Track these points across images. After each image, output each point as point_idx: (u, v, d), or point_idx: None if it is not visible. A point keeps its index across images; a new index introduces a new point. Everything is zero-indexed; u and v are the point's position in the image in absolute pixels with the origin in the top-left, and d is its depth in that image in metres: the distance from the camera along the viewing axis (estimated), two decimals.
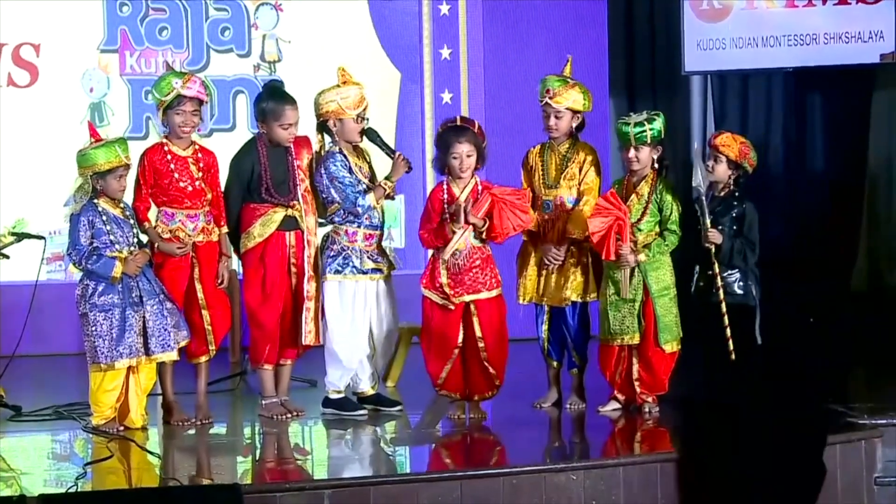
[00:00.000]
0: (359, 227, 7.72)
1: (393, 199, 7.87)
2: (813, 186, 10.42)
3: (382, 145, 7.81)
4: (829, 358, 9.35)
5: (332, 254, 7.73)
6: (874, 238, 10.10)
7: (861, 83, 10.02)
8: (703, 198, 7.52)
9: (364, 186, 7.69)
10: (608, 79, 11.01)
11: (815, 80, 10.30)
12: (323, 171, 7.69)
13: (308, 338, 7.74)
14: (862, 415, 7.32)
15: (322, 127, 7.81)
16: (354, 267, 7.72)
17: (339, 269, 7.72)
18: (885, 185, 10.02)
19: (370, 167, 7.85)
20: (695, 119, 10.95)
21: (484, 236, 7.63)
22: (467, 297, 7.65)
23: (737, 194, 7.69)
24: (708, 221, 7.49)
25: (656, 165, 7.69)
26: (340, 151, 7.73)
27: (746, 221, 7.63)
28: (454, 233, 7.56)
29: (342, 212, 7.72)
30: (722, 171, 7.66)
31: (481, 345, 7.66)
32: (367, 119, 7.80)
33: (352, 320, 7.73)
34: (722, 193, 7.68)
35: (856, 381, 9.11)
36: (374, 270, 7.77)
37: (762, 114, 10.67)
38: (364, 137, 7.80)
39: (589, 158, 7.83)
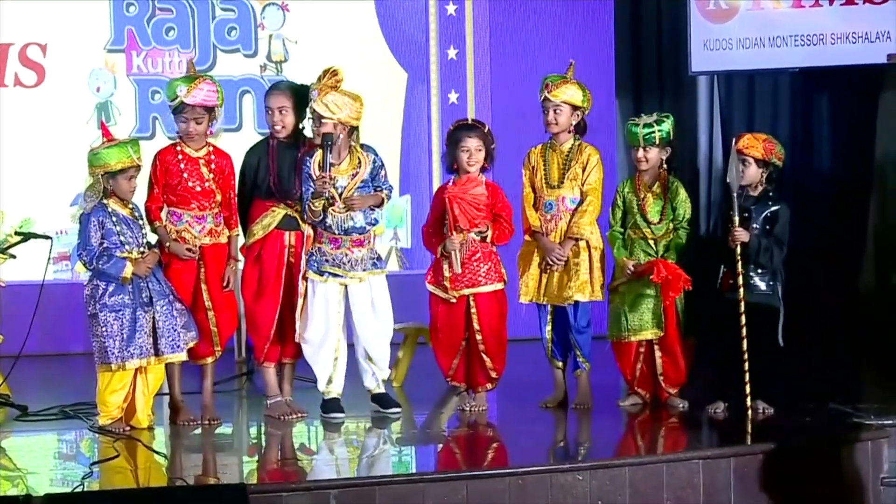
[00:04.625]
0: (325, 228, 7.71)
1: (317, 216, 7.58)
2: (820, 186, 10.41)
3: (324, 157, 7.58)
4: (836, 358, 9.37)
5: (308, 251, 7.75)
6: (881, 239, 10.09)
7: (868, 83, 10.01)
8: (735, 195, 7.52)
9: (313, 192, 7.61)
10: (614, 79, 11.01)
11: (821, 80, 10.29)
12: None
13: (297, 335, 7.76)
14: (868, 415, 7.32)
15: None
16: (313, 267, 7.71)
17: (306, 266, 7.72)
18: (893, 186, 10.00)
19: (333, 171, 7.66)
20: (701, 119, 10.95)
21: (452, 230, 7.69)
22: (467, 291, 7.75)
23: (771, 193, 7.69)
24: (737, 219, 7.49)
25: (665, 166, 7.79)
26: (312, 155, 7.67)
27: (779, 221, 7.63)
28: (448, 254, 7.69)
29: None
30: (752, 172, 7.64)
31: (479, 337, 7.78)
32: (327, 122, 7.56)
33: (310, 320, 7.72)
34: (756, 193, 7.68)
35: (862, 381, 9.12)
36: (333, 275, 7.72)
37: (769, 114, 10.66)
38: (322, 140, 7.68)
39: (593, 158, 7.88)
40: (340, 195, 7.64)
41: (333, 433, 7.60)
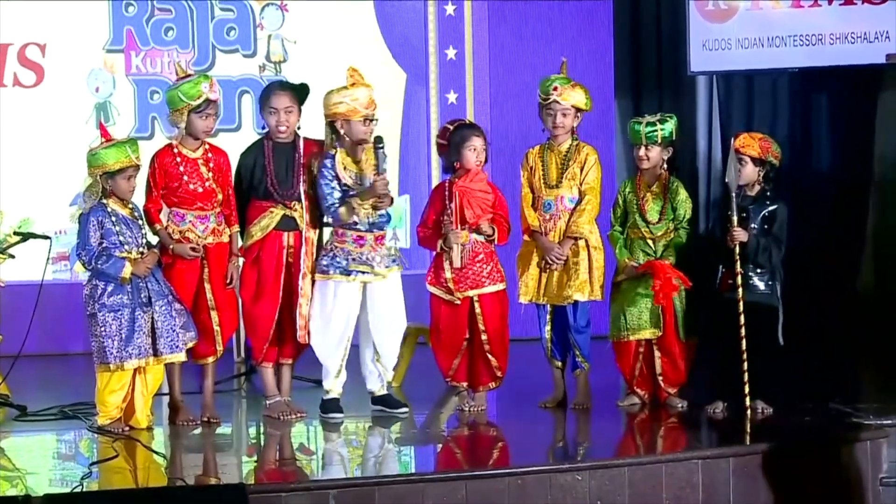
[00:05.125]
0: (349, 227, 7.71)
1: (358, 217, 7.65)
2: (819, 187, 10.41)
3: (379, 159, 7.70)
4: (835, 358, 9.36)
5: (324, 252, 7.74)
6: (880, 238, 10.09)
7: (867, 83, 10.01)
8: (734, 195, 7.54)
9: (339, 196, 7.63)
10: (613, 79, 11.01)
11: (820, 80, 10.29)
12: (316, 172, 7.70)
13: (300, 334, 7.75)
14: (868, 415, 7.32)
15: (331, 127, 7.78)
16: (339, 267, 7.70)
17: (325, 268, 7.71)
18: (892, 186, 10.00)
19: (360, 172, 7.72)
20: (700, 119, 10.94)
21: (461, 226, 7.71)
22: (471, 292, 7.75)
23: (768, 193, 7.70)
24: (735, 219, 7.51)
25: (666, 166, 7.82)
26: (333, 156, 7.69)
27: (777, 220, 7.65)
28: (450, 249, 7.70)
29: None
30: (749, 171, 7.67)
31: (484, 337, 7.79)
32: (376, 120, 7.76)
33: (329, 320, 7.71)
34: (753, 192, 7.69)
35: (862, 381, 9.12)
36: (362, 273, 7.73)
37: (768, 114, 10.66)
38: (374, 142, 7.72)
39: (591, 158, 7.90)
40: None
41: (333, 433, 7.60)
